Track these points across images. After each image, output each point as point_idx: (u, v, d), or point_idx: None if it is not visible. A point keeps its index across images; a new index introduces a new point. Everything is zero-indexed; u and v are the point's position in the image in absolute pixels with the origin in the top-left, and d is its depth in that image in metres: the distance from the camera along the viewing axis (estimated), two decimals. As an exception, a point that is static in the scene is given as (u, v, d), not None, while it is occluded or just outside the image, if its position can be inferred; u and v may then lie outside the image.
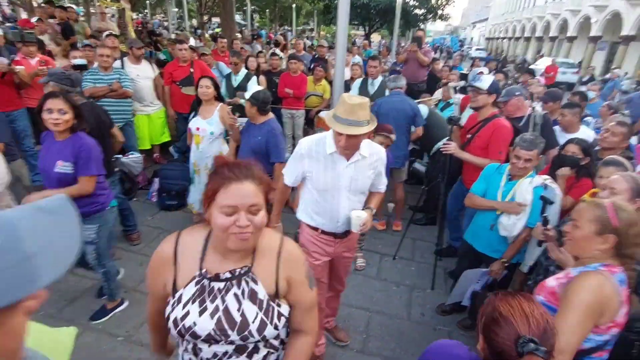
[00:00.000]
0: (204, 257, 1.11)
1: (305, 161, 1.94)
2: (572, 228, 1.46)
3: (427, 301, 3.15)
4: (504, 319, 0.94)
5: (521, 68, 8.09)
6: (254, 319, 1.08)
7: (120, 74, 4.14)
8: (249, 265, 1.11)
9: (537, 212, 2.34)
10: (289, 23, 26.77)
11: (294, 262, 1.17)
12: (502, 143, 2.92)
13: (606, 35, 24.43)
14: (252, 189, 1.03)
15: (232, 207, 1.00)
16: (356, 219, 1.96)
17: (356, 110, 1.71)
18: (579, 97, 4.13)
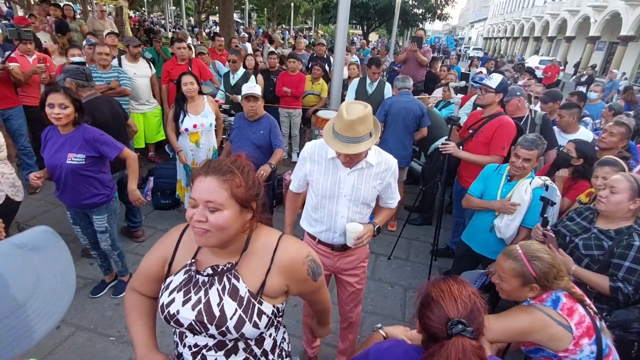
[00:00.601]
0: (199, 249, 1.14)
1: (308, 164, 1.86)
2: (500, 281, 1.55)
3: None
4: (435, 302, 0.98)
5: (521, 68, 8.05)
6: (232, 315, 1.07)
7: (118, 72, 4.15)
8: (233, 263, 1.11)
9: (536, 213, 2.33)
10: (287, 22, 26.74)
11: (291, 263, 1.14)
12: (505, 139, 2.91)
13: (605, 36, 24.53)
14: (212, 185, 0.99)
15: (193, 199, 1.01)
16: (351, 231, 1.81)
17: (355, 127, 1.55)
18: (577, 98, 4.10)
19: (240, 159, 1.09)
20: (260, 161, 3.20)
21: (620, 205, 1.80)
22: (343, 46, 4.83)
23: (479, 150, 3.02)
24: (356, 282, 2.10)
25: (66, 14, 6.86)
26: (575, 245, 1.94)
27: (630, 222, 1.82)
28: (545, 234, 2.05)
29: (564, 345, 1.39)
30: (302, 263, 1.16)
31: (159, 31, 10.93)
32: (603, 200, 1.84)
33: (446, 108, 4.99)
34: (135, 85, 4.44)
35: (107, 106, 3.06)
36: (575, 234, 1.98)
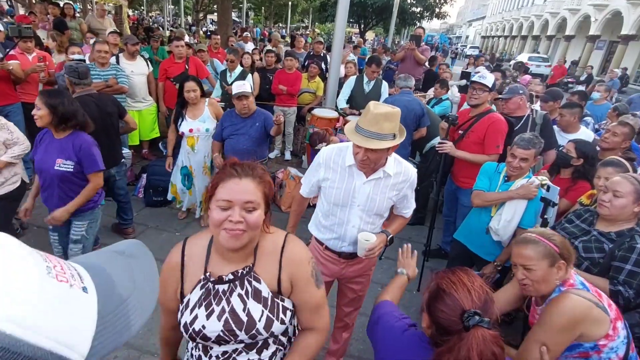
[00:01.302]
0: (208, 260, 1.12)
1: (322, 170, 1.77)
2: (527, 272, 1.44)
3: (413, 303, 3.09)
4: (447, 294, 0.96)
5: (520, 67, 7.99)
6: (260, 317, 1.09)
7: (116, 70, 4.15)
8: (251, 265, 1.12)
9: (532, 214, 2.29)
10: (284, 21, 26.65)
11: (297, 262, 1.16)
12: (499, 136, 2.87)
13: (605, 35, 24.51)
14: (250, 186, 1.03)
15: (227, 202, 1.01)
16: (363, 242, 1.73)
17: (380, 121, 1.49)
18: (578, 97, 4.04)
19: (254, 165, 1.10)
20: (260, 152, 3.27)
21: (625, 209, 1.75)
22: (341, 44, 4.80)
23: (472, 150, 2.99)
24: (359, 290, 2.06)
25: (66, 12, 6.82)
26: (575, 247, 1.89)
27: (632, 224, 1.78)
28: None
29: (605, 329, 1.31)
30: (307, 262, 1.19)
31: (158, 29, 10.85)
32: (606, 204, 1.78)
33: (438, 105, 4.99)
34: (132, 83, 4.41)
35: (95, 104, 3.00)
36: (575, 237, 1.94)
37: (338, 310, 2.23)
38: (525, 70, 5.89)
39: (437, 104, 4.98)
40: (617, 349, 1.35)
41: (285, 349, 1.22)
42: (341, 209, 1.77)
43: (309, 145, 5.18)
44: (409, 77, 3.94)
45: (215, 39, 6.50)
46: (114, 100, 3.26)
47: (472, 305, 0.92)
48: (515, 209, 2.30)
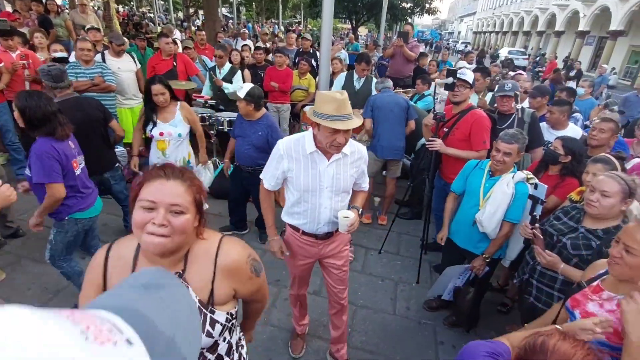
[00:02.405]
0: (135, 265, 1.06)
1: (285, 162, 1.87)
2: (624, 254, 1.33)
3: (412, 295, 3.15)
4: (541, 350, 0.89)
5: (510, 63, 8.04)
6: None
7: (102, 68, 4.08)
8: (180, 272, 1.06)
9: (519, 208, 2.32)
10: (276, 16, 26.45)
11: (235, 269, 1.12)
12: (484, 132, 2.94)
13: (594, 30, 24.75)
14: (178, 188, 0.98)
15: (151, 202, 0.95)
16: (343, 219, 1.87)
17: (347, 105, 1.67)
18: (566, 94, 4.07)
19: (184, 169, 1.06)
20: (260, 158, 3.17)
21: (612, 208, 1.76)
22: (329, 41, 4.79)
23: (458, 147, 3.04)
24: (342, 265, 2.19)
25: (49, 8, 6.68)
26: (563, 244, 1.93)
27: (618, 222, 1.81)
28: (535, 233, 2.03)
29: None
30: (245, 263, 1.16)
31: (147, 25, 10.70)
32: (595, 204, 1.79)
33: (421, 100, 5.04)
34: (121, 80, 4.36)
35: (78, 109, 2.87)
36: (563, 234, 1.97)
37: (331, 297, 2.31)
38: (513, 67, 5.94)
39: (420, 100, 5.03)
40: None
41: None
42: (312, 194, 1.89)
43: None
44: (385, 80, 4.05)
45: (200, 35, 6.41)
46: (99, 106, 3.12)
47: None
48: (500, 203, 2.33)
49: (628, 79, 21.61)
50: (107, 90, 4.06)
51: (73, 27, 6.42)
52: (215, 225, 3.84)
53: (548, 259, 1.92)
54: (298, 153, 1.84)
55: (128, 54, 4.68)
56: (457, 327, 2.83)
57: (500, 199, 2.34)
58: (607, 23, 22.06)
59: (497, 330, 2.73)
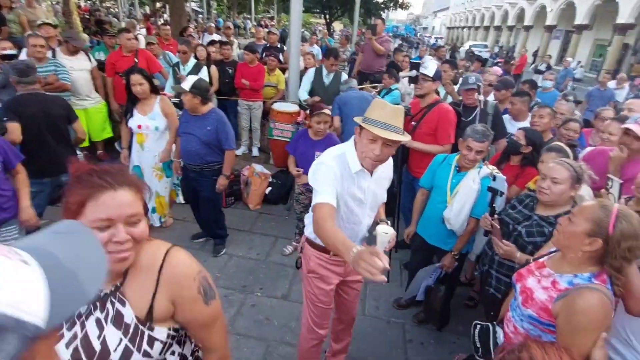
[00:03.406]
0: None
1: (338, 179, 1.65)
2: (566, 222, 1.38)
3: (381, 294, 3.12)
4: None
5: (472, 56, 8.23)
6: (116, 347, 0.93)
7: (56, 66, 3.86)
8: (118, 284, 0.96)
9: (484, 204, 2.32)
10: (248, 11, 25.95)
11: (180, 281, 1.00)
12: (449, 127, 2.95)
13: (561, 24, 25.59)
14: (128, 197, 0.90)
15: (107, 220, 0.86)
16: (383, 235, 1.60)
17: (397, 116, 1.53)
18: (528, 86, 4.21)
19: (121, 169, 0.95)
20: (209, 158, 3.04)
21: (563, 194, 1.80)
22: (298, 36, 4.68)
23: (425, 141, 3.04)
24: (360, 278, 2.07)
25: (2, 4, 6.24)
26: (519, 233, 1.94)
27: (568, 207, 1.83)
28: (492, 224, 2.04)
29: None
30: (193, 279, 1.02)
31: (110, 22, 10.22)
32: (546, 191, 1.83)
33: (388, 95, 4.99)
34: (73, 79, 4.12)
35: (39, 105, 2.82)
36: (518, 222, 1.99)
37: (342, 312, 2.21)
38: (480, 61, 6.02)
39: (388, 94, 5.00)
40: None
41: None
42: (355, 214, 1.78)
43: (272, 140, 5.08)
44: (350, 81, 4.08)
45: (165, 30, 6.17)
46: (64, 104, 3.03)
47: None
48: (466, 199, 2.33)
49: (594, 72, 22.49)
50: (61, 89, 3.83)
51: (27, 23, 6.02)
52: (180, 232, 3.68)
53: (505, 248, 1.93)
54: (344, 175, 1.67)
55: (84, 51, 4.42)
56: (426, 324, 2.82)
57: (466, 195, 2.33)
58: (572, 17, 22.85)
59: (465, 325, 2.73)
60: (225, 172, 3.10)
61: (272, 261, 3.40)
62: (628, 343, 1.50)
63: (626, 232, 1.23)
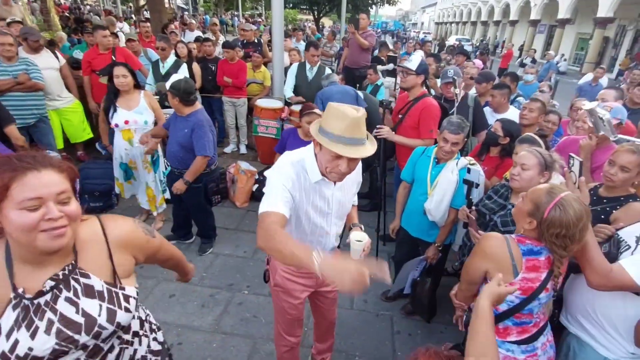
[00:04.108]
0: (12, 274, 0.94)
1: (296, 193, 1.50)
2: (520, 200, 1.49)
3: (370, 288, 3.09)
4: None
5: (453, 50, 8.33)
6: (99, 312, 1.01)
7: (27, 64, 3.71)
8: (73, 262, 1.01)
9: (462, 195, 2.35)
10: (236, 8, 25.70)
11: (129, 238, 1.12)
12: (431, 121, 2.94)
13: (545, 19, 25.94)
14: (54, 176, 0.91)
15: (36, 200, 0.87)
16: (357, 244, 1.54)
17: (360, 125, 1.33)
18: (509, 78, 4.26)
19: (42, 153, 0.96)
20: (187, 159, 2.95)
21: (532, 181, 1.83)
22: (280, 31, 4.65)
23: (409, 134, 3.04)
24: (334, 286, 1.93)
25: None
26: (494, 223, 1.97)
27: None
28: (468, 215, 2.07)
29: (507, 279, 1.38)
30: (137, 230, 1.16)
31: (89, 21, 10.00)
32: (516, 178, 1.88)
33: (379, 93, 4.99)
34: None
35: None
36: (494, 212, 2.01)
37: (321, 319, 2.16)
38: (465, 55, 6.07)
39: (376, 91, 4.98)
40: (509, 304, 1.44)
41: (132, 345, 1.17)
42: (320, 226, 1.64)
43: (257, 137, 5.06)
44: (331, 76, 4.03)
45: (144, 27, 6.05)
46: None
47: None
48: (446, 190, 2.35)
49: (577, 65, 22.88)
50: (34, 89, 3.70)
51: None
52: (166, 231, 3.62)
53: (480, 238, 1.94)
54: (303, 184, 1.51)
55: (49, 49, 4.25)
56: (413, 316, 2.84)
57: (446, 186, 2.35)
58: (555, 12, 23.17)
59: (452, 315, 2.76)
60: (185, 176, 2.94)
61: (259, 259, 3.38)
62: (597, 323, 1.53)
63: (556, 220, 1.31)
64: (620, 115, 2.34)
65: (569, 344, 1.67)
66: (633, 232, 1.56)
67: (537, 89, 5.08)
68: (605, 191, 1.93)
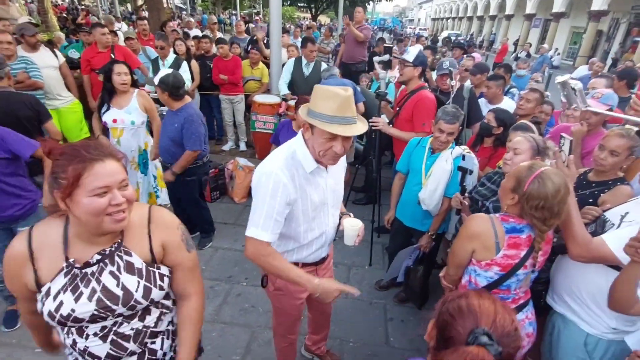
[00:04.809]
0: (67, 247, 1.08)
1: (292, 192, 1.45)
2: (503, 182, 1.56)
3: (364, 277, 3.19)
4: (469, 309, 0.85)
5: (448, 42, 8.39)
6: (136, 288, 1.12)
7: (26, 63, 3.72)
8: (119, 241, 1.13)
9: (456, 184, 2.39)
10: (234, 7, 25.67)
11: (166, 227, 1.20)
12: (424, 114, 2.95)
13: (540, 13, 25.93)
14: (115, 165, 1.03)
15: (105, 188, 1.00)
16: (351, 229, 1.56)
17: (350, 104, 1.34)
18: (503, 70, 4.29)
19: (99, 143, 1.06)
20: (179, 154, 2.98)
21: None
22: (278, 28, 4.69)
23: (404, 127, 3.06)
24: (330, 277, 1.98)
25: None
26: (487, 208, 2.01)
27: None
28: (461, 202, 2.11)
29: (489, 256, 1.48)
30: (176, 228, 1.23)
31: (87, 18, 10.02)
32: (508, 162, 1.92)
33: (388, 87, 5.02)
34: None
35: (2, 105, 2.68)
36: (486, 198, 2.06)
37: (316, 313, 2.19)
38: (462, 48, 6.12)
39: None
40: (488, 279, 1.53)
41: (171, 312, 1.27)
42: (318, 219, 1.60)
43: (254, 133, 5.10)
44: (331, 68, 4.06)
45: (142, 25, 6.07)
46: (32, 103, 2.86)
47: (490, 326, 0.80)
48: (440, 179, 2.38)
49: (570, 59, 22.90)
50: (33, 87, 3.72)
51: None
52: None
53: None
54: (299, 182, 1.47)
55: (48, 47, 4.26)
56: (406, 303, 2.90)
57: (440, 175, 2.39)
58: (550, 6, 23.16)
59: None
60: (173, 167, 2.99)
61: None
62: (581, 300, 1.59)
63: (535, 192, 1.37)
64: (610, 101, 2.38)
65: (554, 323, 1.73)
66: (618, 212, 1.61)
67: (529, 80, 5.14)
68: (594, 175, 1.98)
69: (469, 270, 1.59)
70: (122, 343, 1.15)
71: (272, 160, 1.46)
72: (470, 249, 1.53)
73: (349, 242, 1.67)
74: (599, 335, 1.57)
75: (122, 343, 1.15)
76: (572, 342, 1.63)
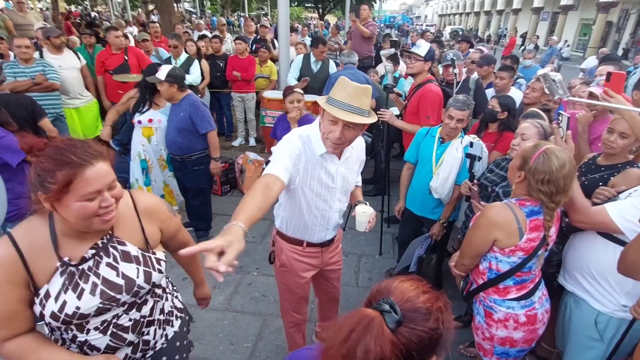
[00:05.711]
0: (57, 247, 1.05)
1: (302, 160, 1.55)
2: (511, 163, 1.60)
3: (375, 267, 3.22)
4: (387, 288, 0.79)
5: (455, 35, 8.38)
6: (137, 275, 1.15)
7: (44, 66, 3.86)
8: (110, 232, 1.14)
9: (466, 171, 2.41)
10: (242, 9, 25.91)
11: (156, 210, 1.27)
12: (429, 108, 2.97)
13: (548, 6, 25.58)
14: (105, 167, 1.02)
15: (96, 193, 1.00)
16: (362, 215, 1.62)
17: (360, 96, 1.41)
18: (510, 61, 4.32)
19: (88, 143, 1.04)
20: (186, 144, 3.03)
21: None
22: (286, 28, 4.75)
23: (410, 120, 3.09)
24: (339, 263, 2.04)
25: (-15, 10, 6.27)
26: (497, 194, 2.04)
27: None
28: (471, 188, 2.13)
29: (513, 242, 1.49)
30: (162, 204, 1.32)
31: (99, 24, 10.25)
32: (516, 147, 1.94)
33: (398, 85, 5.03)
34: (63, 79, 4.09)
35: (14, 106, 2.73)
36: (495, 184, 2.08)
37: (326, 296, 2.21)
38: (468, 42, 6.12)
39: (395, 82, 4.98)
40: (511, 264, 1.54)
41: (162, 299, 1.32)
42: (324, 200, 1.68)
43: (264, 128, 5.17)
44: (352, 53, 4.00)
45: (154, 27, 6.23)
46: (27, 103, 2.92)
47: (399, 300, 0.73)
48: (451, 168, 2.41)
49: (580, 51, 22.52)
50: (50, 89, 3.84)
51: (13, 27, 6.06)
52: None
53: (482, 209, 2.01)
54: (309, 157, 1.57)
55: (70, 49, 4.42)
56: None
57: (451, 163, 2.41)
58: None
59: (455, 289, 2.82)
60: (213, 154, 3.04)
61: (267, 242, 3.49)
62: (592, 277, 1.61)
63: (540, 167, 1.41)
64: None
65: (566, 303, 1.75)
66: (627, 193, 1.62)
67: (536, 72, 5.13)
68: (603, 159, 1.96)
69: (488, 257, 1.58)
70: (122, 334, 1.17)
71: (292, 133, 1.61)
72: (492, 238, 1.52)
73: (360, 228, 1.73)
74: (609, 314, 1.58)
75: (121, 334, 1.17)
76: (583, 321, 1.65)
